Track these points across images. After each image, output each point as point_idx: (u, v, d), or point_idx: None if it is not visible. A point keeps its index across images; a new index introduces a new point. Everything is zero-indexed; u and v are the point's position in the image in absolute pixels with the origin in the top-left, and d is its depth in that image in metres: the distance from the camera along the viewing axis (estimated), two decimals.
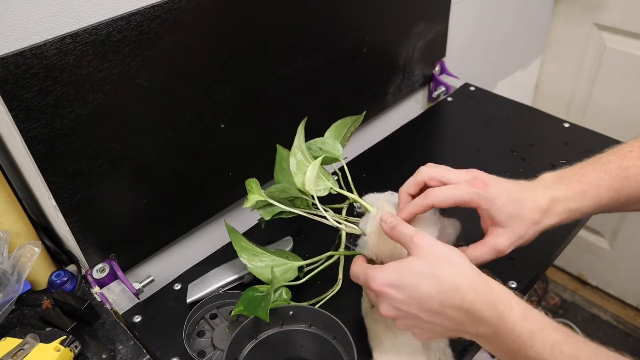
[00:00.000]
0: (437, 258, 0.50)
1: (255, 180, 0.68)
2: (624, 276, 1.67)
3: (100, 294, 0.69)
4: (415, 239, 0.52)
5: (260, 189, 0.68)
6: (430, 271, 0.49)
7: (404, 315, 0.51)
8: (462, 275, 0.49)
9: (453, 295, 0.48)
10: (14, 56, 0.52)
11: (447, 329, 0.51)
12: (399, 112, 1.09)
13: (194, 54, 0.67)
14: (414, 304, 0.50)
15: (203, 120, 0.72)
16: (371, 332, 0.64)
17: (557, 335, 0.46)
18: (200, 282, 0.73)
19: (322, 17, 0.81)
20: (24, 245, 0.64)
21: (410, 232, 0.53)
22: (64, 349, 0.58)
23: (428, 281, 0.49)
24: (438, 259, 0.50)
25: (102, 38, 0.57)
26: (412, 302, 0.50)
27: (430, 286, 0.49)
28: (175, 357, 0.65)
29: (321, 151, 0.67)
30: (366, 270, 0.54)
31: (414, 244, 0.52)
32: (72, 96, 0.57)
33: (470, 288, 0.48)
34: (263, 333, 0.62)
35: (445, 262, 0.50)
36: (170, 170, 0.72)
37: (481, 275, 0.50)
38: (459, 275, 0.49)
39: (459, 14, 1.10)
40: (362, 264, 0.57)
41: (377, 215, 0.60)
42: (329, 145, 0.68)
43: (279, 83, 0.79)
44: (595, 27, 1.39)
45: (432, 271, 0.49)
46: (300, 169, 0.64)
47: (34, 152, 0.57)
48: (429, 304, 0.49)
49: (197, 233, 0.82)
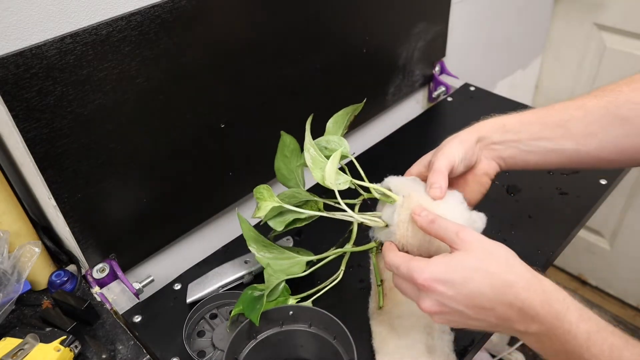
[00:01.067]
0: (486, 253, 0.49)
1: (266, 186, 0.66)
2: (624, 276, 1.67)
3: (100, 294, 0.69)
4: (462, 234, 0.50)
5: (274, 195, 0.65)
6: (481, 267, 0.48)
7: (449, 311, 0.50)
8: (515, 272, 0.48)
9: (505, 292, 0.47)
10: (14, 56, 0.52)
11: (491, 325, 0.50)
12: (399, 112, 1.09)
13: (194, 54, 0.67)
14: (462, 301, 0.48)
15: (203, 120, 0.72)
16: (376, 334, 0.64)
17: (615, 339, 0.45)
18: (200, 282, 0.73)
19: (322, 17, 0.81)
20: (24, 245, 0.64)
21: (453, 227, 0.51)
22: (64, 349, 0.58)
23: (479, 277, 0.48)
24: (488, 255, 0.49)
25: (102, 38, 0.57)
26: (461, 299, 0.48)
27: (481, 282, 0.47)
28: (175, 357, 0.65)
29: (327, 150, 0.66)
30: (410, 261, 0.52)
31: (459, 239, 0.50)
32: (72, 96, 0.57)
33: (523, 285, 0.47)
34: (263, 333, 0.62)
35: (495, 257, 0.49)
36: (170, 170, 0.72)
37: (533, 272, 0.48)
38: (511, 271, 0.48)
39: (459, 14, 1.10)
40: (402, 254, 0.54)
41: (404, 204, 0.57)
42: (334, 143, 0.66)
43: (279, 83, 0.79)
44: (595, 27, 1.39)
45: (482, 267, 0.48)
46: (316, 164, 0.62)
47: (34, 152, 0.57)
48: (479, 301, 0.48)
49: (197, 233, 0.82)
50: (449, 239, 0.51)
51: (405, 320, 0.63)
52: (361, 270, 0.77)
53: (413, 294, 0.53)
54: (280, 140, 0.70)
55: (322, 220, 0.66)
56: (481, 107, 1.07)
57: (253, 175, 0.84)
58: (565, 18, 1.44)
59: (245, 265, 0.76)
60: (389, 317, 0.65)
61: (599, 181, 0.86)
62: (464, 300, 0.48)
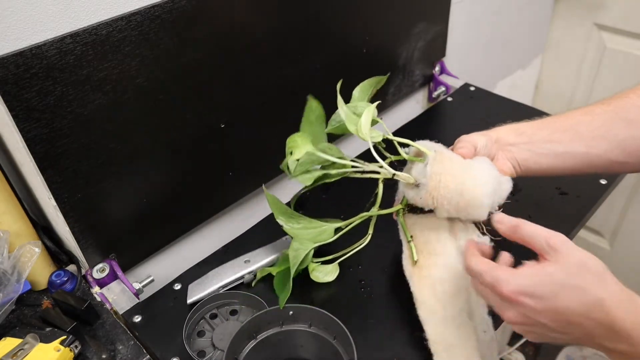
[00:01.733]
0: (578, 266, 0.47)
1: (300, 134, 0.65)
2: (624, 276, 1.66)
3: (100, 294, 0.69)
4: (552, 241, 0.48)
5: (309, 141, 0.64)
6: (572, 282, 0.46)
7: (533, 323, 0.48)
8: (607, 289, 0.46)
9: (596, 309, 0.45)
10: (14, 56, 0.52)
11: (575, 339, 0.48)
12: (398, 112, 1.09)
13: (194, 54, 0.67)
14: (548, 315, 0.47)
15: (203, 120, 0.72)
16: (420, 304, 0.62)
17: None
18: (201, 282, 0.73)
19: (322, 17, 0.81)
20: (24, 245, 0.64)
21: (542, 234, 0.49)
22: (64, 349, 0.58)
23: (569, 293, 0.46)
24: (580, 268, 0.46)
25: (102, 38, 0.57)
26: (548, 313, 0.47)
27: (571, 298, 0.46)
28: (175, 357, 0.65)
29: (356, 115, 0.65)
30: (494, 270, 0.49)
31: (550, 248, 0.48)
32: (72, 96, 0.57)
33: (616, 304, 0.45)
34: (263, 333, 0.62)
35: (587, 271, 0.46)
36: (170, 170, 0.72)
37: (626, 291, 0.47)
38: (603, 288, 0.46)
39: (459, 14, 1.10)
40: (487, 261, 0.52)
41: (436, 157, 0.59)
42: (362, 108, 0.65)
43: (279, 83, 0.79)
44: (595, 27, 1.39)
45: (574, 282, 0.46)
46: (350, 120, 0.63)
47: (34, 152, 0.57)
48: (566, 316, 0.46)
49: (197, 233, 0.82)
50: (538, 246, 0.49)
51: (447, 284, 0.61)
52: (361, 270, 0.77)
53: (495, 303, 0.51)
54: (307, 105, 0.69)
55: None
56: (481, 107, 1.07)
57: (253, 175, 0.84)
58: (565, 18, 1.44)
59: (245, 265, 0.76)
60: (430, 281, 0.62)
61: (599, 181, 0.86)
62: (551, 314, 0.47)
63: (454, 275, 0.61)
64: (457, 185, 0.57)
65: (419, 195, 0.60)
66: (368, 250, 0.81)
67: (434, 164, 0.59)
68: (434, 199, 0.58)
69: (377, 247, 0.72)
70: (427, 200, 0.59)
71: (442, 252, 0.62)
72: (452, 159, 0.60)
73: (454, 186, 0.57)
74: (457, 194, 0.57)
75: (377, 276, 0.76)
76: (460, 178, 0.58)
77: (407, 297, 0.73)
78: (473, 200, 0.57)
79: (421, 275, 0.63)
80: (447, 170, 0.58)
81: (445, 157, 0.59)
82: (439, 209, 0.59)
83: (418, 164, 0.62)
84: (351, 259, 0.74)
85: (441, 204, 0.58)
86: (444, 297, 0.61)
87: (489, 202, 0.58)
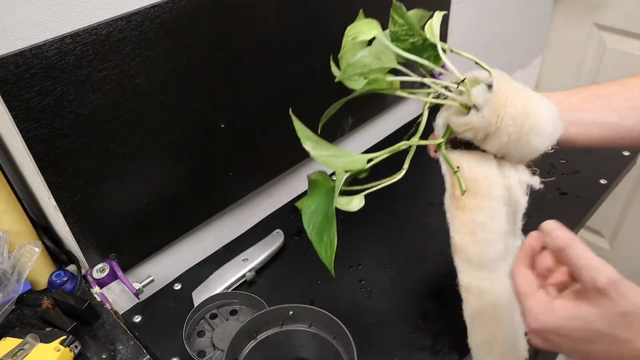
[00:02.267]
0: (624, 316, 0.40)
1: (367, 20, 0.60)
2: (624, 276, 1.67)
3: (100, 294, 0.69)
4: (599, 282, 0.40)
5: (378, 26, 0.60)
6: (612, 333, 0.40)
7: (554, 347, 0.44)
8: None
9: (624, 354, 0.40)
10: (14, 56, 0.52)
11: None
12: (399, 112, 1.09)
13: (194, 54, 0.67)
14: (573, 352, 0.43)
15: (203, 120, 0.72)
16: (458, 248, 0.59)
17: None
18: (204, 287, 0.73)
19: (322, 17, 0.81)
20: (24, 245, 0.64)
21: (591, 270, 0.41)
22: (64, 349, 0.58)
23: (606, 344, 0.41)
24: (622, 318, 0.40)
25: (102, 38, 0.57)
26: (573, 352, 0.43)
27: (607, 349, 0.41)
28: (175, 357, 0.65)
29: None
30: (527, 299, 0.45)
31: (597, 289, 0.41)
32: (72, 96, 0.57)
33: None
34: (263, 333, 0.62)
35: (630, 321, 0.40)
36: (170, 170, 0.72)
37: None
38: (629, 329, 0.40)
39: (459, 14, 1.10)
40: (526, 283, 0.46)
41: (502, 76, 0.56)
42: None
43: (279, 83, 0.79)
44: (595, 27, 1.39)
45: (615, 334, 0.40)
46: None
47: (34, 152, 0.57)
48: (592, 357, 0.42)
49: (197, 233, 0.82)
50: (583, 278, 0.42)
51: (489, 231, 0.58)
52: (361, 270, 0.77)
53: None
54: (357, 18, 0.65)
55: None
56: None
57: (253, 175, 0.84)
58: (565, 18, 1.44)
59: (244, 263, 0.76)
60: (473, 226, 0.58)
61: (599, 181, 0.86)
62: (575, 353, 0.43)
63: (497, 219, 0.58)
64: (523, 105, 0.54)
65: (482, 115, 0.55)
66: (370, 249, 0.82)
67: (501, 81, 0.55)
68: (499, 117, 0.54)
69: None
70: (490, 119, 0.54)
71: (488, 193, 0.58)
72: (515, 82, 0.56)
73: (521, 106, 0.54)
74: (523, 114, 0.54)
75: (377, 276, 0.76)
76: (527, 100, 0.55)
77: (407, 296, 0.73)
78: (537, 123, 0.54)
79: (464, 219, 0.59)
80: (513, 90, 0.55)
81: (510, 78, 0.56)
82: (498, 134, 0.55)
83: (476, 87, 0.57)
84: (351, 259, 0.74)
85: (506, 124, 0.54)
86: (483, 244, 0.58)
87: (551, 131, 0.56)
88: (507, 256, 0.59)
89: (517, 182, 0.59)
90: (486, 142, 0.57)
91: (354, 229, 0.84)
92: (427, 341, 0.67)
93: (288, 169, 0.90)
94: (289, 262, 0.80)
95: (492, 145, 0.57)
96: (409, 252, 0.79)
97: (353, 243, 0.81)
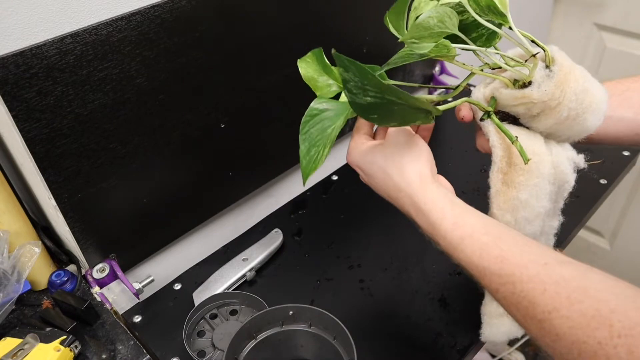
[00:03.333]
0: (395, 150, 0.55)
1: None
2: (624, 276, 1.65)
3: (100, 294, 0.69)
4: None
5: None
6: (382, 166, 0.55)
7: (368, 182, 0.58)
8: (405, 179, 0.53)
9: (397, 195, 0.54)
10: (14, 56, 0.52)
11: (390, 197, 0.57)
12: None
13: (194, 54, 0.67)
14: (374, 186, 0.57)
15: (203, 120, 0.72)
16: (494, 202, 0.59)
17: (486, 238, 0.48)
18: (205, 288, 0.73)
19: (322, 17, 0.81)
20: (24, 245, 0.64)
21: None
22: (64, 349, 0.58)
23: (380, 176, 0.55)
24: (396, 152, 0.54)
25: (102, 38, 0.57)
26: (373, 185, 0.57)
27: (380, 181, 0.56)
28: (175, 357, 0.65)
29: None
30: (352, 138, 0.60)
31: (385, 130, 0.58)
32: (72, 96, 0.57)
33: (407, 194, 0.53)
34: (263, 333, 0.62)
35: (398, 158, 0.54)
36: (170, 170, 0.72)
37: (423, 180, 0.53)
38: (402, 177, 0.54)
39: None
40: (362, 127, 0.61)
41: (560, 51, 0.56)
42: None
43: (279, 83, 0.79)
44: (595, 27, 1.39)
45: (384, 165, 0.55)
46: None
47: (34, 152, 0.57)
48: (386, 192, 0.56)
49: (197, 233, 0.82)
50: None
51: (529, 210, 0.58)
52: (361, 270, 0.77)
53: None
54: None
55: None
56: None
57: (253, 175, 0.84)
58: (565, 18, 1.45)
59: (244, 263, 0.76)
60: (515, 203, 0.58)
61: (599, 181, 0.86)
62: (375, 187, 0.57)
63: (541, 198, 0.57)
64: (584, 82, 0.54)
65: (544, 88, 0.53)
66: (370, 249, 0.82)
67: (563, 56, 0.56)
68: (562, 92, 0.53)
69: None
70: (554, 93, 0.53)
71: (536, 169, 0.56)
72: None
73: (582, 82, 0.54)
74: (584, 90, 0.54)
75: (377, 276, 0.76)
76: (585, 77, 0.55)
77: (407, 296, 0.73)
78: (594, 100, 0.54)
79: (508, 196, 0.58)
80: (573, 66, 0.55)
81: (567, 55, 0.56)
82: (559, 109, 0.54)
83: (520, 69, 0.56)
84: (351, 259, 0.74)
85: (569, 99, 0.54)
86: (522, 223, 0.58)
87: (604, 111, 0.56)
88: (540, 236, 0.59)
89: (565, 159, 0.58)
90: (538, 118, 0.55)
91: (354, 229, 0.84)
92: (428, 341, 0.67)
93: (288, 169, 0.90)
94: (289, 262, 0.80)
95: (547, 121, 0.55)
96: (409, 252, 0.79)
97: (353, 243, 0.81)
